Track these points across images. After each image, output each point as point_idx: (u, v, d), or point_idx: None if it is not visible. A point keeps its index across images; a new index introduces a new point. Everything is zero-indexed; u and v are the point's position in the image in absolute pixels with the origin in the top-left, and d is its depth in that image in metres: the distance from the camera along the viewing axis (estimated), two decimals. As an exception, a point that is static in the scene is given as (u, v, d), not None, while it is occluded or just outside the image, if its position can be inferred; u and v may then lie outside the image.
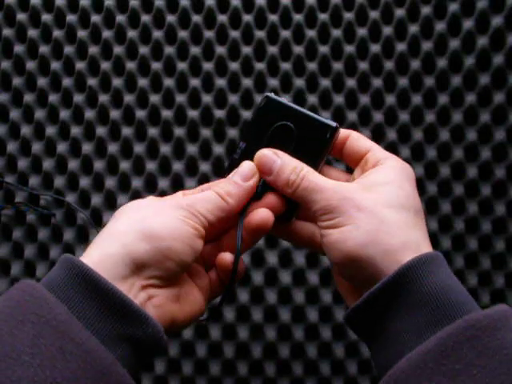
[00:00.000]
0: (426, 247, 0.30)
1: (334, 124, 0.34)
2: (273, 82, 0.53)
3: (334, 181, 0.32)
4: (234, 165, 0.35)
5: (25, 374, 0.22)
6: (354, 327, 0.32)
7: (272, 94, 0.36)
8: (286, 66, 0.53)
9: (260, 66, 0.53)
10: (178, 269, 0.31)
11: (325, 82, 0.53)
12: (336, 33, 0.53)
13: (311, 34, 0.53)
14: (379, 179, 0.32)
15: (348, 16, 0.53)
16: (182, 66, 0.53)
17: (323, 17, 0.53)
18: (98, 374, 0.24)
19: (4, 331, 0.24)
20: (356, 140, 0.35)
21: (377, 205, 0.30)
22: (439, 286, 0.28)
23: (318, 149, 0.34)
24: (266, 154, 0.34)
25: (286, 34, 0.53)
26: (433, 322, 0.27)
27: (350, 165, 0.36)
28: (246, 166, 0.34)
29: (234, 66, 0.53)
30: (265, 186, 0.34)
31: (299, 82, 0.53)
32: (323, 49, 0.53)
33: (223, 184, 0.34)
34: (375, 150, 0.34)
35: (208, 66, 0.53)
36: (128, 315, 0.27)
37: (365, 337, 0.32)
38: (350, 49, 0.53)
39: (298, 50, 0.53)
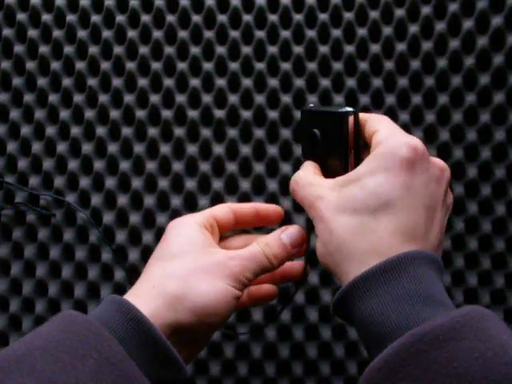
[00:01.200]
0: (377, 254, 0.29)
1: (343, 109, 0.34)
2: (273, 82, 0.53)
3: (322, 182, 0.34)
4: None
5: None
6: (341, 315, 0.33)
7: (306, 107, 0.38)
8: (286, 65, 0.53)
9: (260, 65, 0.53)
10: (212, 332, 0.37)
11: (325, 82, 0.53)
12: (336, 33, 0.53)
13: (311, 34, 0.53)
14: (352, 175, 0.32)
15: (348, 16, 0.53)
16: (182, 65, 0.53)
17: (323, 17, 0.53)
18: None
19: (67, 363, 0.25)
20: (371, 123, 0.34)
21: (331, 213, 0.31)
22: (373, 308, 0.28)
23: (339, 141, 0.35)
24: (297, 174, 0.37)
25: (286, 34, 0.53)
26: (380, 342, 0.27)
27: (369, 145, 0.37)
28: (298, 233, 0.37)
29: (234, 65, 0.53)
30: None
31: (299, 82, 0.53)
32: (323, 49, 0.53)
33: (272, 244, 0.36)
34: (376, 135, 0.33)
35: (208, 65, 0.53)
36: (172, 363, 0.30)
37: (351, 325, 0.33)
38: (350, 49, 0.53)
39: (298, 50, 0.53)
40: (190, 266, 0.33)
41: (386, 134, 0.32)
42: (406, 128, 0.52)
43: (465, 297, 0.51)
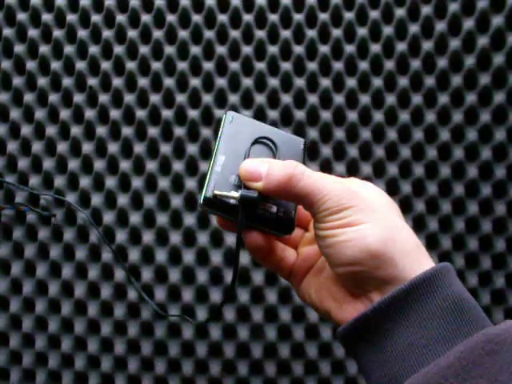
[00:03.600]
0: (424, 257, 0.30)
1: (302, 139, 0.36)
2: (273, 82, 0.53)
3: (334, 177, 0.31)
4: (220, 179, 0.32)
5: None
6: (355, 336, 0.29)
7: (234, 112, 0.35)
8: (286, 65, 0.53)
9: (260, 65, 0.53)
10: None
11: (325, 82, 0.53)
12: (336, 32, 0.53)
13: (311, 33, 0.53)
14: (374, 192, 0.32)
15: (348, 16, 0.53)
16: (182, 65, 0.53)
17: (323, 16, 0.53)
18: None
19: None
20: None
21: (385, 209, 0.30)
22: (456, 298, 0.27)
23: (297, 160, 0.33)
24: (253, 160, 0.31)
25: (286, 33, 0.53)
26: (448, 336, 0.26)
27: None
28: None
29: (234, 65, 0.53)
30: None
31: (299, 82, 0.53)
32: (323, 49, 0.53)
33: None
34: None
35: (208, 65, 0.53)
36: None
37: (362, 349, 0.29)
38: (350, 49, 0.53)
39: (298, 49, 0.53)
40: None
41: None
42: (407, 128, 0.52)
43: (465, 297, 0.51)
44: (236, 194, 0.30)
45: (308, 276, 0.35)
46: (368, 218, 0.29)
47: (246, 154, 0.33)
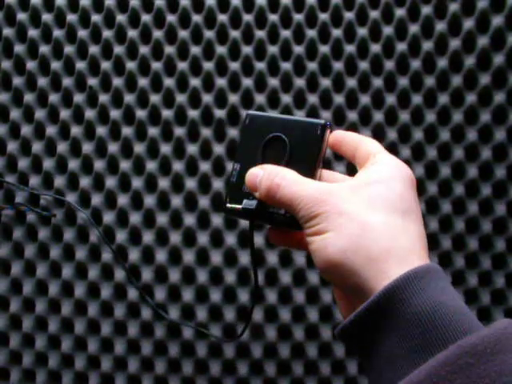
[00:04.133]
0: (415, 254, 0.28)
1: (322, 121, 0.34)
2: (273, 82, 0.53)
3: (318, 183, 0.31)
4: (233, 188, 0.35)
5: None
6: (347, 342, 0.30)
7: (252, 111, 0.35)
8: (286, 65, 0.53)
9: (260, 65, 0.53)
10: None
11: (325, 82, 0.53)
12: (336, 33, 0.53)
13: (311, 33, 0.53)
14: (369, 178, 0.31)
15: (348, 16, 0.53)
16: (182, 65, 0.53)
17: (323, 17, 0.53)
18: None
19: None
20: (366, 144, 0.34)
21: (360, 208, 0.29)
22: (429, 305, 0.25)
23: (312, 151, 0.33)
24: (252, 170, 0.33)
25: (286, 33, 0.53)
26: (424, 347, 0.25)
27: (355, 164, 0.35)
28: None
29: (234, 65, 0.53)
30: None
31: (299, 82, 0.53)
32: (323, 49, 0.53)
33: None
34: (376, 152, 0.33)
35: (208, 65, 0.53)
36: None
37: (358, 355, 0.30)
38: (350, 49, 0.53)
39: (298, 49, 0.53)
40: None
41: (388, 155, 0.33)
42: (407, 128, 0.52)
43: (465, 297, 0.51)
44: (239, 207, 0.34)
45: None
46: (333, 226, 0.28)
47: (260, 159, 0.34)
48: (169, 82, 0.53)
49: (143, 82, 0.53)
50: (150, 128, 0.53)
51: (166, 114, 0.53)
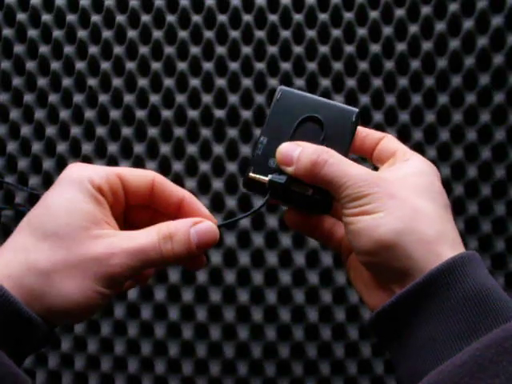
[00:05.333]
0: (460, 243, 0.29)
1: (356, 109, 0.34)
2: (273, 82, 0.53)
3: (363, 166, 0.30)
4: (257, 161, 0.33)
5: None
6: (381, 328, 0.29)
7: (285, 87, 0.35)
8: (286, 65, 0.53)
9: (260, 65, 0.53)
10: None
11: (325, 82, 0.53)
12: (336, 33, 0.53)
13: (311, 33, 0.53)
14: (410, 171, 0.31)
15: (348, 16, 0.53)
16: (182, 65, 0.53)
17: (323, 17, 0.53)
18: None
19: None
20: (388, 142, 0.34)
21: (409, 194, 0.29)
22: (478, 289, 0.26)
23: (345, 137, 0.33)
24: (288, 145, 0.32)
25: (286, 34, 0.53)
26: (467, 331, 0.25)
27: (377, 164, 0.35)
28: (211, 233, 0.31)
29: (234, 65, 0.53)
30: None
31: (299, 82, 0.53)
32: (323, 49, 0.53)
33: (178, 239, 0.29)
34: (402, 149, 0.34)
35: (208, 65, 0.53)
36: (24, 320, 0.26)
37: (389, 342, 0.29)
38: (350, 49, 0.53)
39: (298, 50, 0.53)
40: (58, 257, 0.27)
41: (412, 152, 0.33)
42: (406, 128, 0.52)
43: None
44: (266, 179, 0.32)
45: (352, 254, 0.34)
46: (384, 207, 0.28)
47: (290, 135, 0.33)
48: (168, 82, 0.53)
49: (143, 82, 0.53)
50: (149, 128, 0.53)
51: (166, 114, 0.53)
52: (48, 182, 0.54)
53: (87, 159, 0.53)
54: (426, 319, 0.26)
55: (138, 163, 0.53)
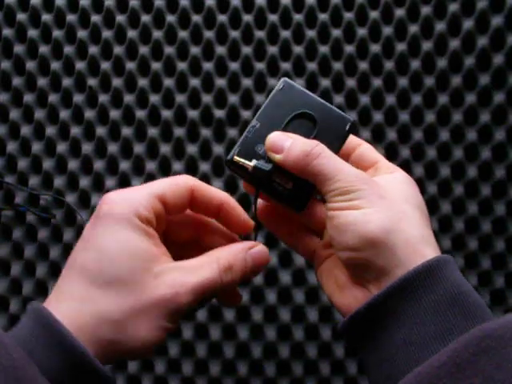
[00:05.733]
0: (439, 250, 0.29)
1: (351, 119, 0.34)
2: (273, 82, 0.53)
3: (354, 167, 0.31)
4: (245, 144, 0.33)
5: None
6: (354, 332, 0.29)
7: (289, 80, 0.35)
8: (286, 65, 0.53)
9: (260, 65, 0.53)
10: None
11: (325, 82, 0.53)
12: (336, 33, 0.53)
13: (311, 34, 0.53)
14: (397, 180, 0.32)
15: (348, 16, 0.53)
16: (182, 65, 0.53)
17: (323, 17, 0.53)
18: None
19: None
20: (367, 150, 0.35)
21: (397, 198, 0.30)
22: (454, 292, 0.26)
23: (336, 141, 0.33)
24: (279, 134, 0.32)
25: (286, 34, 0.53)
26: (444, 332, 0.25)
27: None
28: (264, 255, 0.31)
29: (234, 65, 0.53)
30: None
31: (299, 82, 0.53)
32: (323, 49, 0.53)
33: (236, 268, 0.30)
34: (385, 162, 0.34)
35: (208, 65, 0.53)
36: (91, 374, 0.26)
37: (362, 346, 0.29)
38: (350, 49, 0.53)
39: (298, 49, 0.53)
40: (128, 305, 0.27)
41: (394, 166, 0.34)
42: (406, 128, 0.52)
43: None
44: (251, 164, 0.32)
45: (327, 259, 0.34)
46: (374, 204, 0.28)
47: (283, 126, 0.33)
48: (168, 82, 0.53)
49: (143, 82, 0.53)
50: (149, 128, 0.53)
51: (166, 114, 0.53)
52: (48, 181, 0.54)
53: (87, 159, 0.53)
54: (402, 322, 0.26)
55: (138, 163, 0.53)
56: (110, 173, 0.54)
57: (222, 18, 0.53)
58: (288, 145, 0.31)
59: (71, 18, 0.54)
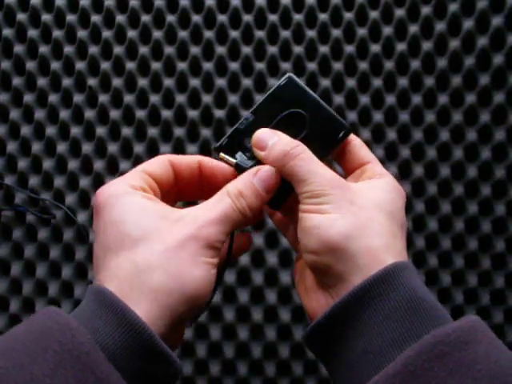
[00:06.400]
0: (407, 257, 0.29)
1: (347, 125, 0.33)
2: (273, 82, 0.53)
3: (331, 171, 0.31)
4: (237, 136, 0.33)
5: None
6: (315, 343, 0.29)
7: (294, 76, 0.34)
8: (286, 65, 0.53)
9: (260, 65, 0.53)
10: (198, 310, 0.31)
11: (325, 82, 0.53)
12: (336, 33, 0.53)
13: (311, 34, 0.53)
14: (379, 186, 0.31)
15: (348, 16, 0.53)
16: (182, 65, 0.53)
17: (323, 17, 0.53)
18: None
19: (26, 357, 0.23)
20: (358, 148, 0.34)
21: (368, 205, 0.29)
22: (410, 298, 0.26)
23: (327, 146, 0.33)
24: (266, 131, 0.32)
25: (286, 34, 0.53)
26: (400, 339, 0.25)
27: (344, 170, 0.35)
28: (272, 174, 0.31)
29: (234, 65, 0.53)
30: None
31: (299, 82, 0.53)
32: (323, 49, 0.53)
33: (246, 194, 0.30)
34: (375, 164, 0.34)
35: (208, 65, 0.53)
36: (155, 355, 0.26)
37: (324, 356, 0.29)
38: (350, 49, 0.53)
39: (298, 49, 0.53)
40: (164, 249, 0.27)
41: (382, 169, 0.34)
42: (406, 128, 0.53)
43: (465, 297, 0.51)
44: (233, 161, 0.33)
45: (298, 262, 0.34)
46: (341, 210, 0.28)
47: (273, 123, 0.33)
48: (168, 82, 0.53)
49: (143, 82, 0.53)
50: (149, 128, 0.53)
51: (166, 114, 0.53)
52: (48, 182, 0.54)
53: (87, 159, 0.53)
54: (360, 331, 0.26)
55: (138, 163, 0.53)
56: (109, 173, 0.54)
57: (222, 18, 0.53)
58: (271, 143, 0.31)
59: (71, 18, 0.54)
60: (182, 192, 0.36)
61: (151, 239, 0.28)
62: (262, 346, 0.51)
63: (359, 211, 0.29)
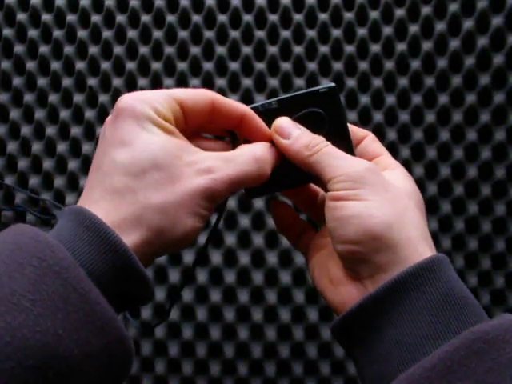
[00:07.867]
0: (434, 248, 0.29)
1: (330, 84, 0.32)
2: (273, 82, 0.53)
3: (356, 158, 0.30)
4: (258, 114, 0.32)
5: (25, 322, 0.21)
6: (346, 332, 0.29)
7: (337, 88, 0.33)
8: (286, 65, 0.53)
9: (260, 65, 0.53)
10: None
11: (325, 83, 0.53)
12: (336, 33, 0.53)
13: (311, 34, 0.53)
14: (397, 176, 0.31)
15: (348, 16, 0.53)
16: (182, 65, 0.53)
17: (323, 17, 0.53)
18: (98, 327, 0.23)
19: (3, 273, 0.22)
20: (371, 141, 0.34)
21: (401, 193, 0.29)
22: (448, 293, 0.26)
23: (340, 120, 0.33)
24: (290, 121, 0.32)
25: (286, 34, 0.53)
26: (436, 334, 0.25)
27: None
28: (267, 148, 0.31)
29: (234, 65, 0.53)
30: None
31: (299, 82, 0.53)
32: (323, 49, 0.53)
33: (271, 163, 0.30)
34: (388, 156, 0.33)
35: (208, 65, 0.53)
36: (135, 277, 0.26)
37: (353, 346, 0.29)
38: (350, 49, 0.53)
39: (298, 50, 0.53)
40: (168, 190, 0.26)
41: (396, 161, 0.34)
42: (406, 128, 0.52)
43: (465, 297, 0.51)
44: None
45: (320, 251, 0.34)
46: (378, 196, 0.28)
47: (294, 117, 0.32)
48: (169, 82, 0.53)
49: (143, 82, 0.53)
50: (149, 128, 0.53)
51: (166, 114, 0.53)
52: (48, 182, 0.54)
53: (87, 159, 0.53)
54: (394, 322, 0.26)
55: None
56: (110, 173, 0.54)
57: (222, 18, 0.53)
58: (297, 133, 0.31)
59: (71, 18, 0.54)
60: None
61: (159, 174, 0.27)
62: (262, 346, 0.51)
63: (394, 199, 0.28)
